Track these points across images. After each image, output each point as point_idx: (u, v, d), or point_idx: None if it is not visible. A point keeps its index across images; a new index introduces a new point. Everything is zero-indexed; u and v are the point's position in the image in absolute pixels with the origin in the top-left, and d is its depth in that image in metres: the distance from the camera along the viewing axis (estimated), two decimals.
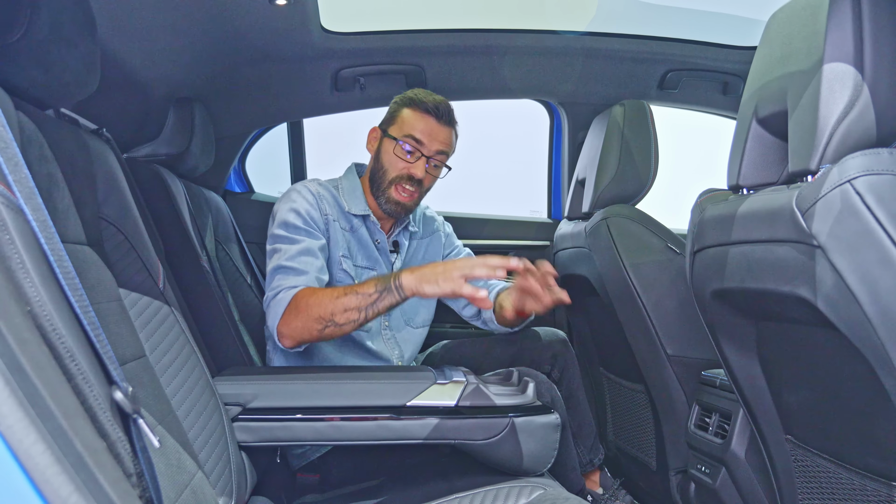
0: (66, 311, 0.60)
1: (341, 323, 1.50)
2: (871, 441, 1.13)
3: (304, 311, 1.52)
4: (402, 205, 1.80)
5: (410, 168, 1.77)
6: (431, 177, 1.82)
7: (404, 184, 1.77)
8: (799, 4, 1.16)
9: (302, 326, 1.53)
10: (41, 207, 0.61)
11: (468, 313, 2.00)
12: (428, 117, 1.77)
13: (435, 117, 1.77)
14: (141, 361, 1.09)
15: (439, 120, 1.77)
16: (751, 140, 1.27)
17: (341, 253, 1.78)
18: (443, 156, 1.80)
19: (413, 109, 1.79)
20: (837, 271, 0.97)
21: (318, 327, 1.51)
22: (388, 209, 1.81)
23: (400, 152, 1.77)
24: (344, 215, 1.82)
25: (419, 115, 1.78)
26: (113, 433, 0.60)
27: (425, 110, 1.77)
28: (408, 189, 1.78)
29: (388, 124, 1.83)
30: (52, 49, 0.97)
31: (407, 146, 1.77)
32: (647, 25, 2.38)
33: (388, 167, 1.79)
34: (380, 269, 1.86)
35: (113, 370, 0.63)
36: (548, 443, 1.41)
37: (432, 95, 1.81)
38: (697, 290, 1.44)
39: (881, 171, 0.95)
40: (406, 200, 1.79)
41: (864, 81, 1.00)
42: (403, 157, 1.77)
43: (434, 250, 2.01)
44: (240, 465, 1.32)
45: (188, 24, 1.71)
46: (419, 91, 1.83)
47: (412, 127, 1.77)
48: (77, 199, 1.03)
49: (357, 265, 1.82)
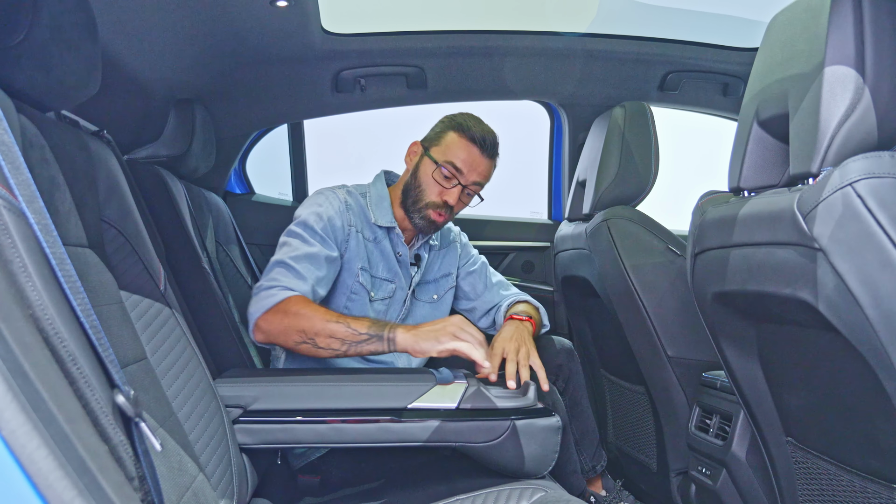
0: (67, 315, 0.60)
1: (320, 346, 1.48)
2: (872, 443, 1.13)
3: (290, 318, 1.50)
4: (436, 224, 1.80)
5: (444, 194, 1.76)
6: (463, 204, 1.81)
7: (440, 209, 1.77)
8: (800, 7, 1.16)
9: (281, 330, 1.50)
10: (43, 210, 0.61)
11: (484, 324, 2.01)
12: (472, 147, 1.75)
13: (480, 148, 1.75)
14: (142, 364, 1.09)
15: (483, 152, 1.75)
16: (752, 142, 1.27)
17: (360, 265, 1.76)
18: (478, 186, 1.79)
19: (460, 135, 1.76)
20: (839, 274, 0.97)
21: (296, 339, 1.49)
22: (421, 226, 1.80)
23: (438, 177, 1.76)
24: (369, 226, 1.81)
25: (464, 144, 1.75)
26: (115, 437, 0.60)
27: (471, 139, 1.75)
28: (442, 213, 1.78)
29: (432, 143, 1.80)
30: (54, 52, 0.97)
31: (445, 172, 1.75)
32: (647, 27, 2.38)
33: (425, 188, 1.78)
34: (399, 282, 1.85)
35: (115, 373, 0.63)
36: (549, 445, 1.41)
37: (482, 125, 1.79)
38: (698, 292, 1.44)
39: (882, 175, 0.95)
40: (440, 220, 1.79)
41: (866, 84, 1.00)
42: (441, 181, 1.76)
43: (450, 261, 2.00)
44: (241, 468, 1.32)
45: (189, 25, 1.71)
46: (469, 117, 1.80)
47: (455, 154, 1.75)
48: (78, 202, 1.03)
49: (375, 276, 1.81)
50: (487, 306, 1.99)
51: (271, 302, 1.53)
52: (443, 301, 1.97)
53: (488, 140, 1.76)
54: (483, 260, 2.07)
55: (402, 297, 1.86)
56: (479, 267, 2.03)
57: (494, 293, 2.00)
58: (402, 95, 2.43)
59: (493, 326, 1.97)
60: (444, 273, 1.98)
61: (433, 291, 1.95)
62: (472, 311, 2.01)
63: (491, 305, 1.99)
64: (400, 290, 1.85)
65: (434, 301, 1.94)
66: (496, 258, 2.70)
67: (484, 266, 2.05)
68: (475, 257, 2.06)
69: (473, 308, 2.01)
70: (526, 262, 2.72)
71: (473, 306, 2.01)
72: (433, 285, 1.95)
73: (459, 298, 2.04)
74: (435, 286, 1.95)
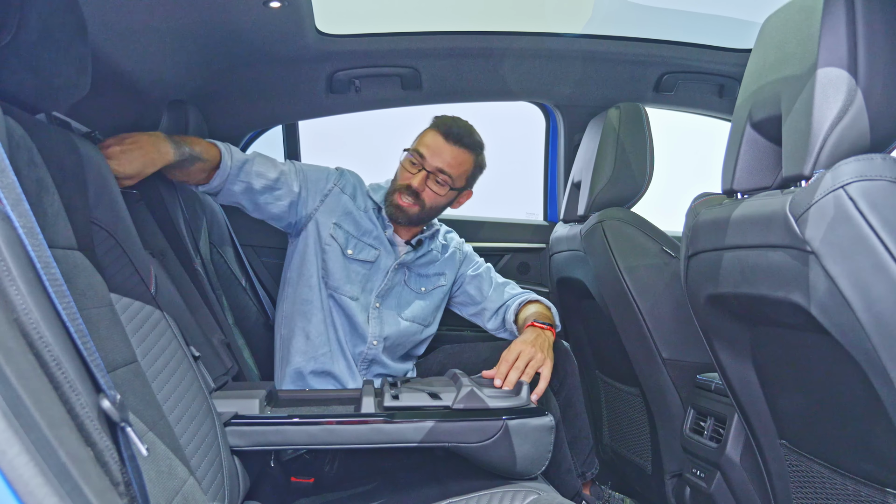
0: (53, 319, 0.59)
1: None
2: (866, 446, 1.13)
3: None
4: (402, 209, 1.88)
5: (410, 179, 1.86)
6: (433, 193, 1.87)
7: (404, 193, 1.87)
8: (793, 8, 1.16)
9: None
10: (28, 214, 0.60)
11: (493, 325, 2.05)
12: (437, 135, 1.87)
13: (444, 136, 1.86)
14: (132, 367, 1.09)
15: (447, 139, 1.86)
16: (745, 144, 1.27)
17: (334, 220, 1.89)
18: (444, 175, 1.86)
19: (431, 129, 1.90)
20: (831, 277, 0.97)
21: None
22: (390, 212, 1.91)
23: (406, 163, 1.90)
24: (363, 195, 1.96)
25: (431, 133, 1.89)
26: (100, 442, 0.59)
27: (437, 128, 1.88)
28: (408, 198, 1.87)
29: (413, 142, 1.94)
30: (43, 52, 0.97)
31: (411, 158, 1.88)
32: (642, 28, 2.37)
33: (397, 176, 1.93)
34: (384, 250, 1.94)
35: (100, 378, 0.63)
36: (542, 445, 1.41)
37: (456, 119, 1.91)
38: (692, 294, 1.44)
39: (875, 177, 0.94)
40: (405, 206, 1.88)
41: (858, 86, 1.00)
42: (408, 167, 1.89)
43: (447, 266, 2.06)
44: (232, 470, 1.31)
45: (181, 26, 1.70)
46: (448, 115, 1.93)
47: (421, 142, 1.89)
48: (67, 204, 1.03)
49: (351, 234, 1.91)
50: (496, 305, 2.03)
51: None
52: (430, 296, 2.01)
53: (454, 129, 1.87)
54: (488, 265, 2.13)
55: (386, 265, 1.93)
56: (483, 271, 2.09)
57: (501, 293, 2.04)
58: (397, 97, 2.43)
59: (504, 326, 2.01)
60: (437, 272, 2.03)
61: (422, 284, 2.01)
62: (482, 314, 2.06)
63: (499, 304, 2.03)
64: (385, 257, 1.93)
65: (422, 293, 2.00)
66: (492, 259, 2.69)
67: (488, 269, 2.11)
68: (479, 263, 2.12)
69: (482, 310, 2.06)
70: (521, 263, 2.71)
71: (482, 308, 2.05)
72: (424, 279, 2.01)
73: (467, 304, 2.08)
74: (426, 280, 2.01)
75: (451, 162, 1.86)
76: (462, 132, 1.87)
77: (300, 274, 1.90)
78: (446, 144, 1.86)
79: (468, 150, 1.88)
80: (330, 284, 1.88)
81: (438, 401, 1.42)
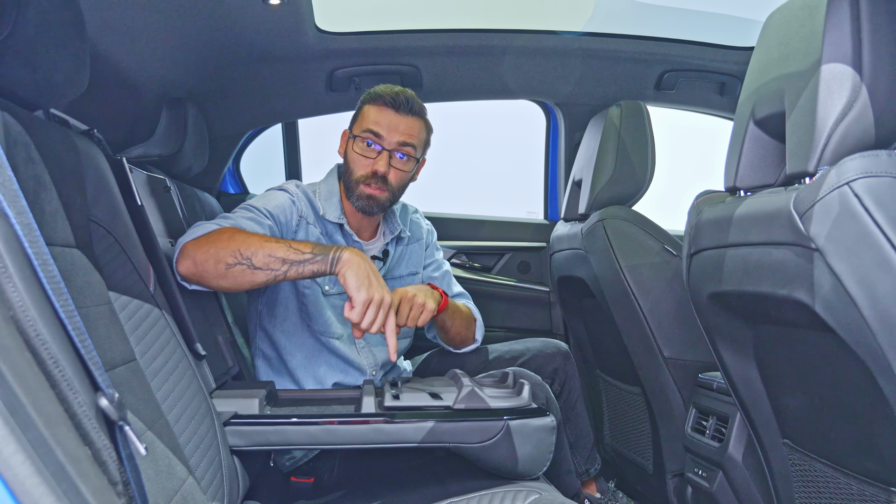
0: (50, 317, 0.59)
1: (257, 266, 1.39)
2: (870, 445, 1.12)
3: (224, 241, 1.41)
4: (374, 198, 1.72)
5: (373, 164, 1.70)
6: (399, 171, 1.72)
7: (370, 181, 1.70)
8: (797, 5, 1.16)
9: (212, 254, 1.40)
10: (25, 210, 0.60)
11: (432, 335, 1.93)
12: (386, 109, 1.70)
13: (393, 108, 1.70)
14: (131, 365, 1.08)
15: (398, 111, 1.70)
16: (748, 141, 1.26)
17: None
18: (408, 147, 1.71)
19: (372, 104, 1.72)
20: (835, 274, 0.96)
21: (229, 261, 1.39)
22: (361, 206, 1.73)
23: (360, 149, 1.71)
24: (319, 219, 1.76)
25: (377, 109, 1.71)
26: (98, 441, 0.59)
27: (383, 103, 1.71)
28: (377, 184, 1.70)
29: (353, 123, 1.77)
30: (40, 49, 0.96)
31: (368, 141, 1.70)
32: (644, 26, 2.37)
33: (353, 166, 1.73)
34: None
35: (98, 376, 0.62)
36: (543, 445, 1.40)
37: (393, 88, 1.73)
38: (694, 292, 1.43)
39: (880, 173, 0.94)
40: (377, 193, 1.71)
41: (863, 82, 0.99)
42: (365, 153, 1.71)
43: (416, 259, 1.94)
44: (231, 470, 1.31)
45: (181, 23, 1.69)
46: (380, 86, 1.75)
47: (370, 121, 1.70)
48: (66, 202, 1.02)
49: None
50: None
51: (204, 230, 1.47)
52: None
53: (400, 98, 1.70)
54: (447, 269, 2.00)
55: None
56: (440, 275, 1.96)
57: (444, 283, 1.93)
58: None
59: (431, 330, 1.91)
60: (410, 271, 1.91)
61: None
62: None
63: None
64: None
65: None
66: (492, 258, 2.69)
67: (446, 275, 1.98)
68: (439, 262, 1.99)
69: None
70: (522, 262, 2.70)
71: None
72: (398, 282, 1.88)
73: None
74: (400, 283, 1.88)
75: (409, 132, 1.71)
76: (408, 99, 1.71)
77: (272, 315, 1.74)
78: (399, 116, 1.69)
79: (419, 117, 1.74)
80: (315, 329, 1.73)
81: (439, 401, 1.41)
